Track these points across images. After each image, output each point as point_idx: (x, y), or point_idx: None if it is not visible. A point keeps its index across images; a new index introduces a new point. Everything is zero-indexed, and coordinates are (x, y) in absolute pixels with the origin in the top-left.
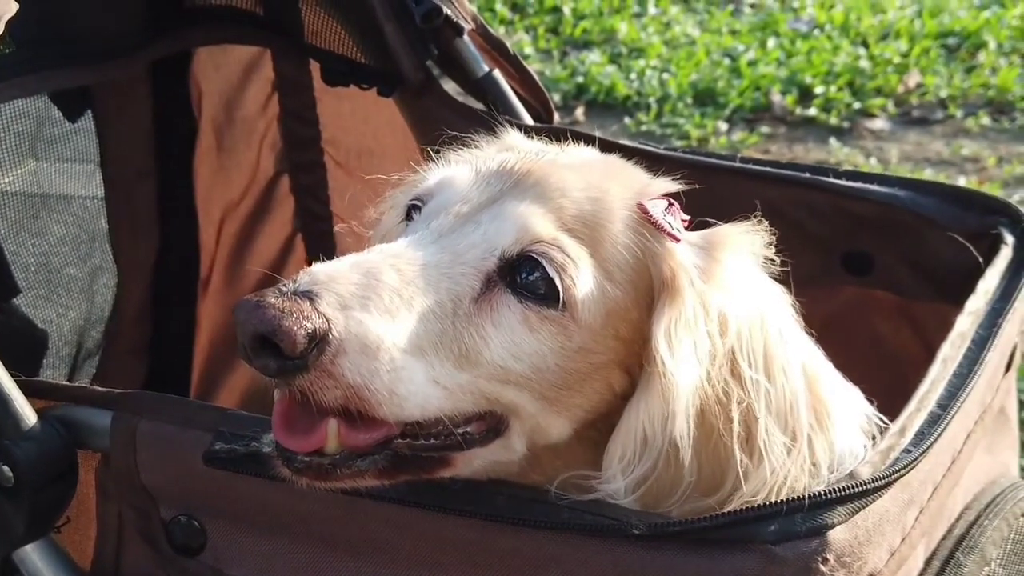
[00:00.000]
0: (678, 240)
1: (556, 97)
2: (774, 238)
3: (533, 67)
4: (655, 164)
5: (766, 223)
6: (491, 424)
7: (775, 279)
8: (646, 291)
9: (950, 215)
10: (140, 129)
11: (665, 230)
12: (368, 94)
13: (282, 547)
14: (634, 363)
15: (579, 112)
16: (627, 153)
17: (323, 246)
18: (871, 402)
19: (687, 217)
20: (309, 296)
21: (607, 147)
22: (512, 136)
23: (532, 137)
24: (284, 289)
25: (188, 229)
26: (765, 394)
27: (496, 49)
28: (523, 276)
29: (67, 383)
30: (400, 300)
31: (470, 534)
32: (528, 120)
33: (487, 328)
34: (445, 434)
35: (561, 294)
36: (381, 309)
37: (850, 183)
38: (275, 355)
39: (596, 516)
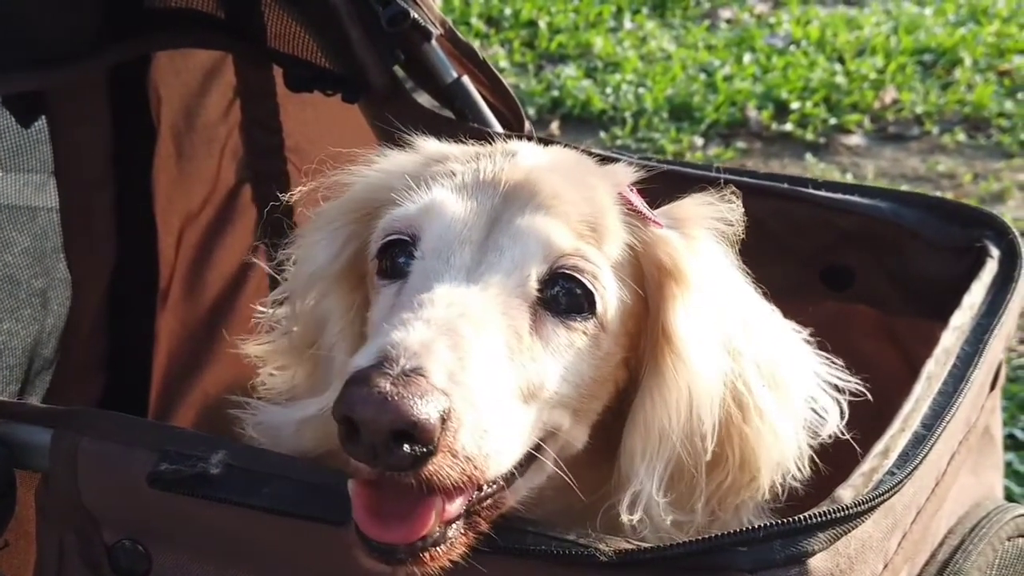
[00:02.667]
0: (661, 225)
1: (531, 111)
2: (752, 250)
3: (508, 80)
4: None
5: (743, 234)
6: (529, 451)
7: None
8: (640, 280)
9: (934, 228)
10: (97, 136)
11: (649, 218)
12: (333, 101)
13: (232, 575)
14: (632, 356)
15: (554, 126)
16: (603, 162)
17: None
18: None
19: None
20: (420, 374)
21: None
22: (428, 144)
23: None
24: (390, 371)
25: (146, 240)
26: (757, 365)
27: (466, 55)
28: (556, 293)
29: (4, 399)
30: (484, 353)
31: None
32: (499, 128)
33: (546, 359)
34: (505, 476)
35: (597, 304)
36: (476, 369)
37: (830, 194)
38: (408, 446)
39: (563, 542)
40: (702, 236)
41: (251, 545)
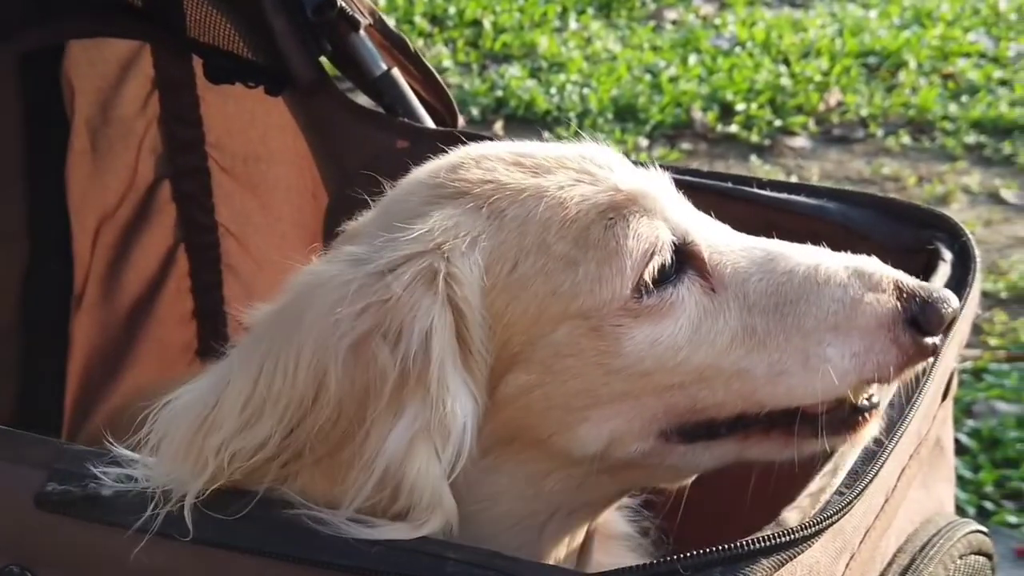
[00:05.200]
0: None
1: (475, 111)
2: None
3: (452, 80)
4: None
5: None
6: None
7: None
8: None
9: (883, 229)
10: (8, 129)
11: None
12: (256, 94)
13: None
14: None
15: (498, 126)
16: None
17: (207, 258)
18: None
19: None
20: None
21: None
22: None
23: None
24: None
25: (60, 239)
26: None
27: (396, 46)
28: None
29: None
30: None
31: None
32: (430, 123)
33: None
34: None
35: None
36: None
37: (775, 194)
38: None
39: (485, 570)
40: None
41: (155, 574)
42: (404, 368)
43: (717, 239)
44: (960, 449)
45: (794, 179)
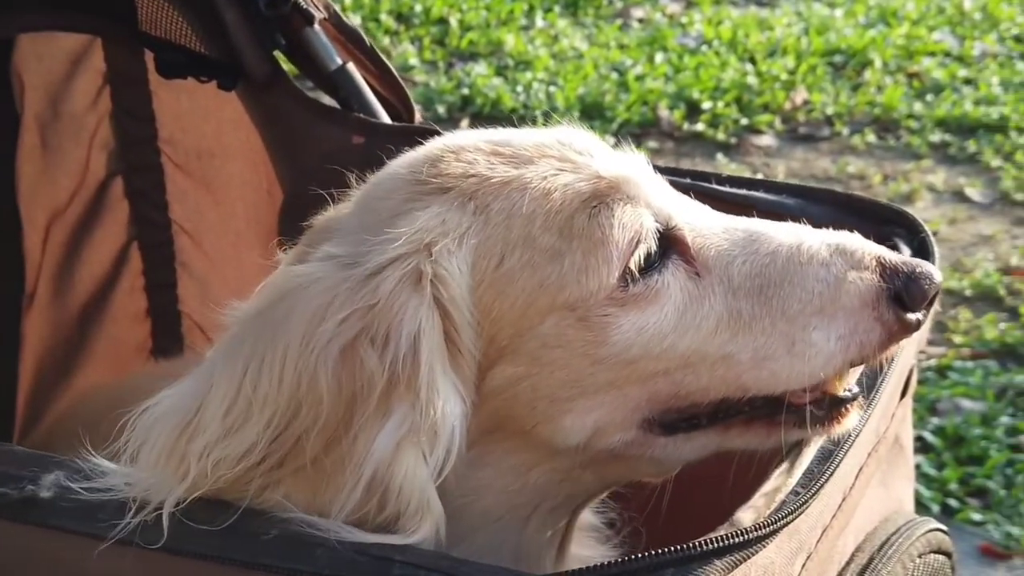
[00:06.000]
0: None
1: (441, 109)
2: None
3: (418, 78)
4: None
5: None
6: None
7: None
8: None
9: (842, 224)
10: None
11: None
12: (209, 89)
13: None
14: None
15: (464, 124)
16: None
17: (161, 256)
18: None
19: None
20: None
21: None
22: None
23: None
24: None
25: (11, 237)
26: None
27: (351, 41)
28: None
29: None
30: None
31: None
32: (386, 119)
33: None
34: None
35: None
36: None
37: (733, 190)
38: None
39: (430, 571)
40: None
41: None
42: (393, 372)
43: (699, 222)
44: (925, 447)
45: (759, 177)
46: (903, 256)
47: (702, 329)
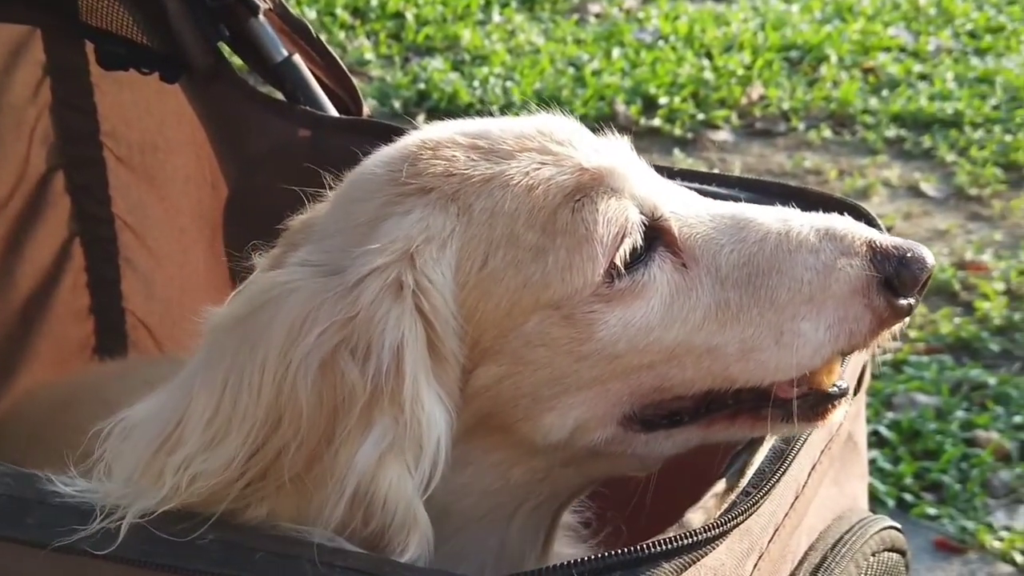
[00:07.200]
0: None
1: (397, 104)
2: None
3: (374, 73)
4: None
5: None
6: None
7: None
8: None
9: None
10: None
11: None
12: (152, 81)
13: None
14: None
15: (420, 119)
16: None
17: (104, 252)
18: None
19: None
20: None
21: None
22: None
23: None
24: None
25: None
26: None
27: (297, 32)
28: None
29: None
30: None
31: None
32: (333, 112)
33: None
34: None
35: None
36: None
37: (687, 183)
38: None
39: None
40: None
41: None
42: (376, 386)
43: (686, 210)
44: (880, 441)
45: (716, 172)
46: (895, 239)
47: (689, 321)
